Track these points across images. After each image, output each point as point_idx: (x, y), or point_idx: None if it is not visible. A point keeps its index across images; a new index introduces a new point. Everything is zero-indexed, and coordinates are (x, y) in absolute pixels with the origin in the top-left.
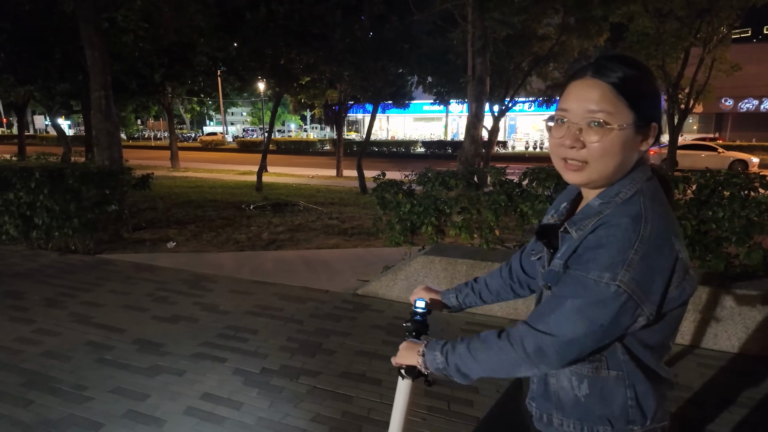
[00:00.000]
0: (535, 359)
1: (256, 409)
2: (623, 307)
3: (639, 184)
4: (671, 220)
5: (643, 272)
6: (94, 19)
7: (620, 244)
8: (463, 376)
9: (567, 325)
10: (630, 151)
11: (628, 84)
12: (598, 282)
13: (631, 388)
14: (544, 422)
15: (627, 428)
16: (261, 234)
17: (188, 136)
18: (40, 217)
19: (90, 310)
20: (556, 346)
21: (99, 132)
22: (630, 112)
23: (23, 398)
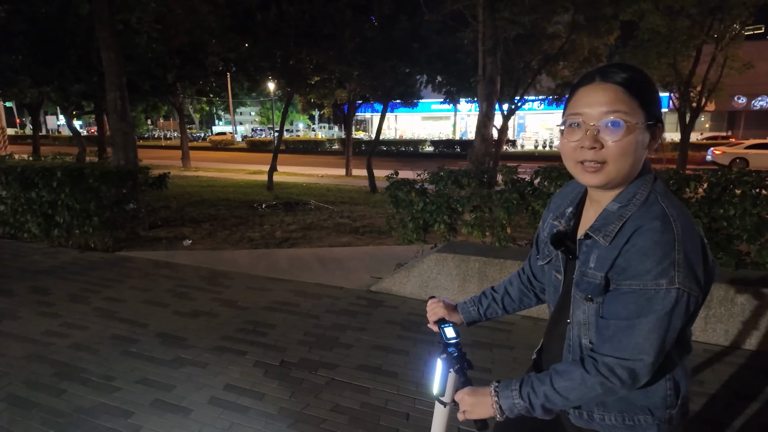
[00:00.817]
0: (631, 383)
1: (277, 400)
2: (687, 304)
3: (650, 184)
4: (689, 215)
5: (689, 267)
6: (110, 22)
7: (663, 247)
8: (547, 412)
9: (650, 345)
10: (642, 149)
11: (637, 85)
12: (658, 290)
13: (671, 380)
14: (584, 419)
15: (665, 413)
16: (274, 232)
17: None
18: (61, 215)
19: (113, 305)
20: (648, 368)
21: (115, 132)
22: (641, 111)
23: (56, 388)
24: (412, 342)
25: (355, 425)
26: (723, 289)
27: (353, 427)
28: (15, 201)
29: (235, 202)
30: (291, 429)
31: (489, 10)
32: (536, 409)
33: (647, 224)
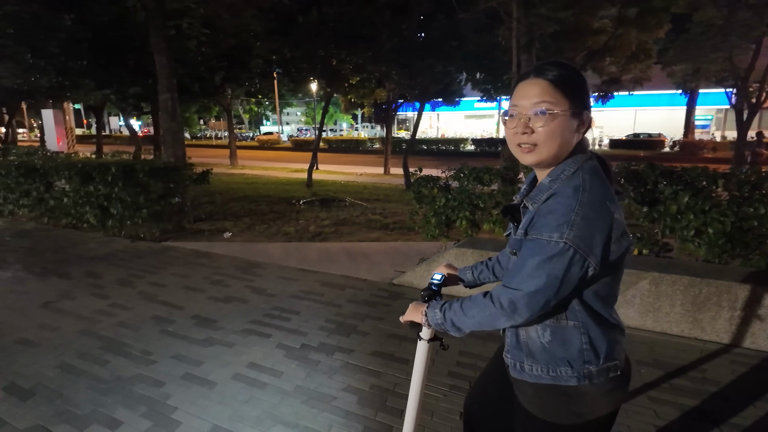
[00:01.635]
0: (510, 312)
1: (294, 378)
2: (572, 259)
3: (580, 163)
4: (607, 190)
5: (584, 230)
6: (162, 28)
7: (564, 209)
8: (456, 329)
9: (530, 280)
10: (569, 133)
11: (562, 80)
12: (549, 241)
13: (586, 335)
14: (517, 369)
15: (584, 367)
16: (308, 227)
17: (246, 136)
18: (114, 207)
19: (155, 289)
20: (524, 299)
21: (165, 131)
22: (566, 101)
23: (102, 359)
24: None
25: (363, 405)
26: (752, 291)
27: (361, 406)
28: (76, 194)
29: (275, 198)
30: (304, 405)
31: (524, 7)
32: (447, 321)
33: (561, 191)
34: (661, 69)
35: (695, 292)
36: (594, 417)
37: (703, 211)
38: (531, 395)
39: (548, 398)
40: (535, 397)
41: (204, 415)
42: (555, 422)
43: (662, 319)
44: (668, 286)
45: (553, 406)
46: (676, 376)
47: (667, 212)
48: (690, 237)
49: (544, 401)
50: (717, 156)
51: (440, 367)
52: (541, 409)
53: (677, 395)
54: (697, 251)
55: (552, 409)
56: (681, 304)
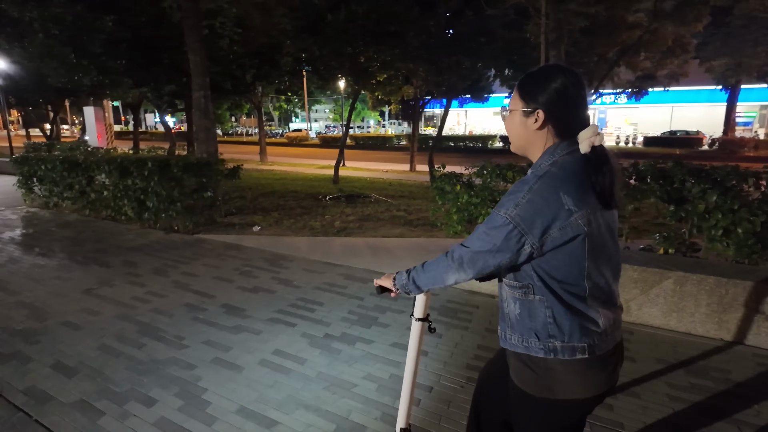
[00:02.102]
0: (458, 266)
1: (317, 365)
2: (510, 233)
3: (555, 158)
4: (568, 183)
5: (527, 211)
6: (197, 27)
7: (517, 191)
8: (416, 287)
9: (477, 241)
10: (523, 129)
11: (524, 81)
12: (496, 214)
13: (549, 309)
14: (503, 339)
15: (548, 341)
16: (333, 222)
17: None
18: (150, 200)
19: (188, 279)
20: (469, 255)
21: (198, 128)
22: (520, 101)
23: (138, 342)
24: (447, 326)
25: (382, 393)
26: None
27: (380, 393)
28: (115, 188)
29: (302, 193)
30: (325, 390)
31: (553, 2)
32: (409, 281)
33: (525, 178)
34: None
35: (722, 293)
36: (566, 397)
37: (732, 210)
38: (512, 363)
39: (522, 367)
40: (514, 365)
41: (232, 396)
42: (528, 392)
43: (686, 319)
44: (693, 286)
45: (526, 375)
46: (700, 376)
47: (695, 211)
48: (718, 236)
49: (520, 370)
50: (759, 154)
51: (459, 359)
52: (519, 378)
53: (699, 395)
54: (725, 251)
55: (526, 379)
56: (707, 305)
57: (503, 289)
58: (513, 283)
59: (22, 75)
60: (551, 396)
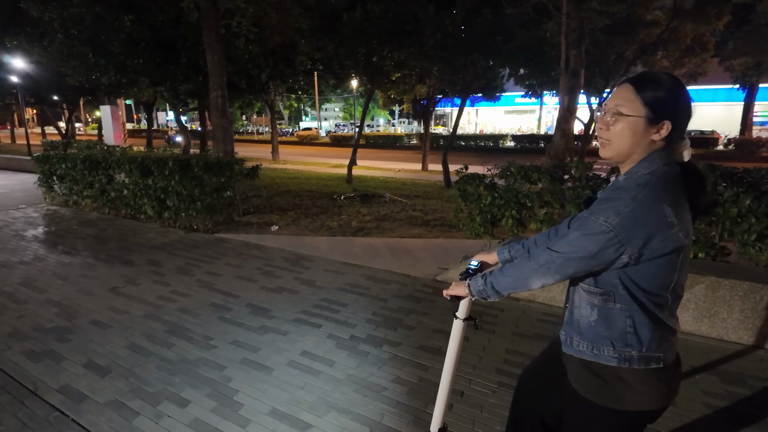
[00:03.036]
0: (544, 270)
1: (345, 367)
2: (609, 241)
3: (654, 167)
4: (669, 194)
5: (629, 222)
6: (215, 27)
7: (618, 200)
8: (495, 292)
9: (569, 247)
10: (640, 136)
11: (647, 87)
12: (594, 221)
13: (630, 319)
14: (567, 344)
15: (624, 350)
16: (350, 222)
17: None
18: (171, 200)
19: (211, 278)
20: (559, 260)
21: (216, 127)
22: (644, 107)
23: (167, 341)
24: (472, 329)
25: (413, 396)
26: None
27: (411, 397)
28: (135, 186)
29: (317, 193)
30: (356, 393)
31: (574, 2)
32: (488, 285)
33: (625, 186)
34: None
35: (756, 299)
36: (634, 408)
37: (766, 214)
38: (575, 371)
39: (590, 375)
40: (579, 374)
41: (263, 398)
42: (595, 402)
43: (719, 325)
44: (726, 291)
45: (593, 384)
46: (735, 384)
47: (727, 215)
48: (751, 241)
49: (586, 378)
50: None
51: (488, 364)
52: (584, 387)
53: (735, 403)
54: (758, 256)
55: (592, 387)
56: (740, 311)
57: (577, 293)
58: (592, 289)
59: (41, 74)
60: (618, 406)
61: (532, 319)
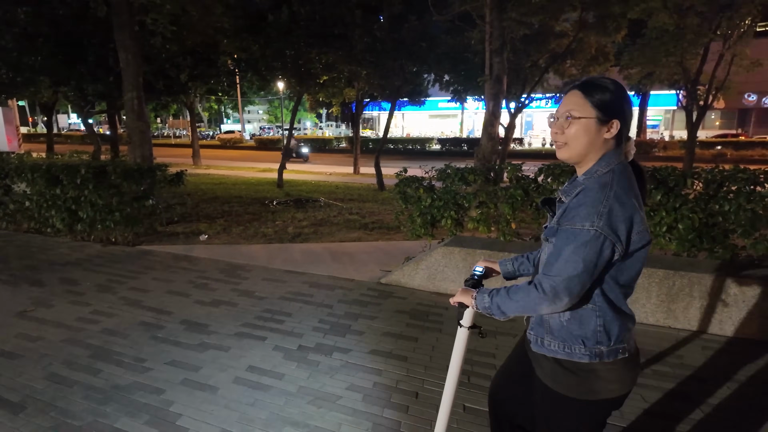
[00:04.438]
0: (552, 297)
1: (296, 379)
2: (603, 245)
3: (612, 165)
4: (632, 190)
5: (612, 220)
6: (128, 24)
7: (593, 201)
8: (501, 313)
9: (567, 265)
10: (594, 136)
11: (594, 91)
12: (581, 229)
13: (601, 318)
14: (538, 344)
15: (595, 347)
16: (286, 228)
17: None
18: (84, 210)
19: (138, 294)
20: (564, 283)
21: (131, 131)
22: (593, 109)
23: (93, 368)
24: (420, 329)
25: (369, 402)
26: (718, 281)
27: (367, 404)
28: (40, 197)
29: (247, 199)
30: (310, 405)
31: (496, 11)
32: (494, 305)
33: (590, 186)
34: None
35: (669, 284)
36: (606, 396)
37: (675, 208)
38: (547, 368)
39: (562, 371)
40: (551, 371)
41: (211, 420)
42: (568, 395)
43: (639, 310)
44: (644, 279)
45: (567, 379)
46: (657, 362)
47: None
48: (662, 233)
49: (559, 374)
50: (668, 154)
51: (439, 363)
52: (556, 382)
53: (660, 380)
54: (668, 245)
55: (566, 382)
56: (657, 296)
57: None
58: None
59: None
60: (592, 397)
61: (475, 315)
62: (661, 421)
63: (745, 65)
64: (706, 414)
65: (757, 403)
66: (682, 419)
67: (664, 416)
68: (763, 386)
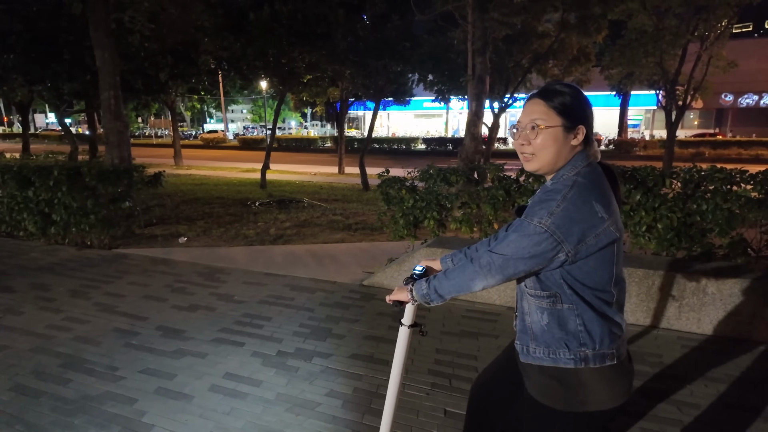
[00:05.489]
0: (486, 272)
1: (275, 386)
2: (545, 241)
3: (578, 169)
4: (596, 191)
5: (562, 220)
6: (104, 21)
7: (550, 201)
8: (438, 296)
9: (507, 248)
10: (561, 144)
11: (555, 98)
12: (530, 223)
13: (580, 317)
14: (524, 354)
15: (579, 350)
16: (268, 229)
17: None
18: (58, 213)
19: (113, 300)
20: (500, 261)
21: (109, 131)
22: (558, 117)
23: (62, 377)
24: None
25: (349, 409)
26: (696, 280)
27: (347, 410)
28: (11, 200)
29: (229, 200)
30: (288, 413)
31: (479, 11)
32: (431, 290)
33: (554, 188)
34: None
35: (649, 283)
36: (595, 408)
37: (654, 207)
38: (535, 379)
39: (549, 381)
40: (538, 381)
41: (184, 430)
42: (555, 408)
43: None
44: None
45: (553, 390)
46: (637, 362)
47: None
48: (642, 232)
49: (545, 385)
50: (648, 153)
51: (419, 365)
52: (543, 393)
53: (639, 379)
54: (647, 245)
55: (553, 394)
56: (636, 295)
57: (525, 300)
58: (539, 293)
59: None
60: (581, 409)
61: (457, 317)
62: (639, 421)
63: (721, 66)
64: (684, 413)
65: (735, 402)
66: (660, 418)
67: (643, 416)
68: (741, 384)
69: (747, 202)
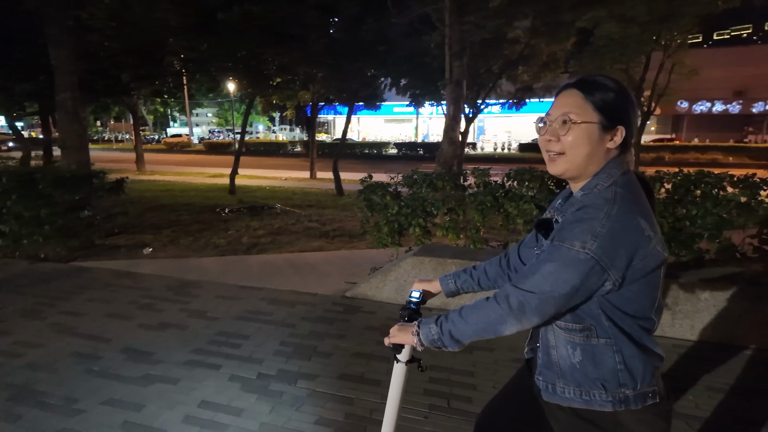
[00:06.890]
0: (518, 314)
1: (257, 415)
2: (591, 270)
3: (614, 178)
4: (640, 205)
5: (609, 243)
6: (60, 18)
7: (591, 220)
8: (455, 342)
9: (544, 283)
10: (596, 145)
11: (596, 91)
12: (570, 249)
13: (619, 353)
14: (549, 392)
15: (619, 390)
16: (241, 238)
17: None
18: (8, 224)
19: (71, 319)
20: (535, 301)
21: (66, 134)
22: (595, 113)
23: (11, 413)
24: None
25: None
26: (687, 286)
27: None
28: None
29: (197, 206)
30: None
31: (456, 15)
32: (444, 334)
33: (591, 203)
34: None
35: None
36: None
37: None
38: (564, 422)
39: (583, 425)
40: (568, 424)
41: None
42: None
43: None
44: None
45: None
46: None
47: None
48: None
49: (579, 428)
50: None
51: (414, 386)
52: None
53: None
54: None
55: None
56: None
57: (550, 332)
58: (570, 326)
59: None
60: None
61: None
62: None
63: (684, 73)
64: (676, 420)
65: (729, 408)
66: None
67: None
68: (735, 390)
69: (736, 206)
